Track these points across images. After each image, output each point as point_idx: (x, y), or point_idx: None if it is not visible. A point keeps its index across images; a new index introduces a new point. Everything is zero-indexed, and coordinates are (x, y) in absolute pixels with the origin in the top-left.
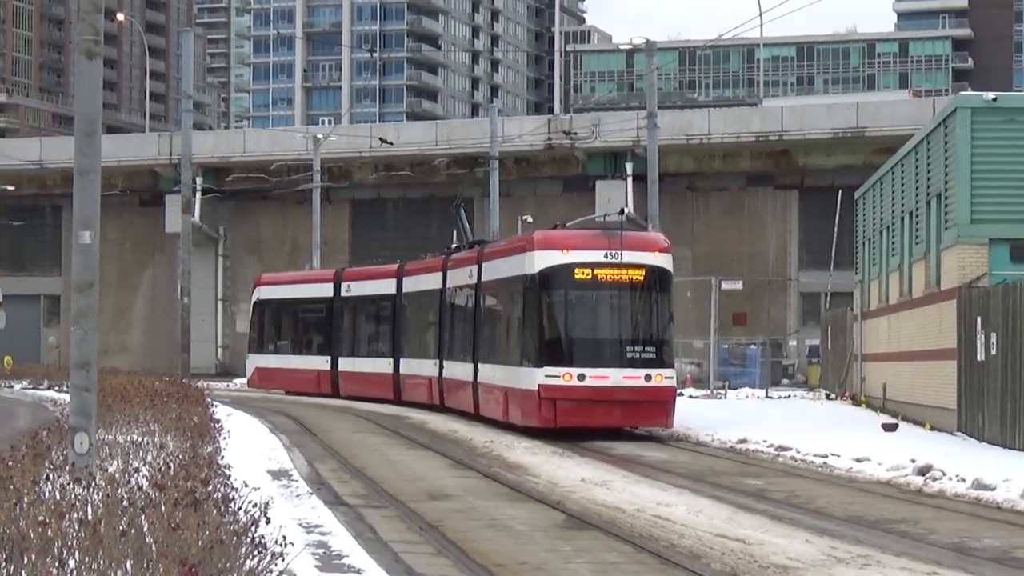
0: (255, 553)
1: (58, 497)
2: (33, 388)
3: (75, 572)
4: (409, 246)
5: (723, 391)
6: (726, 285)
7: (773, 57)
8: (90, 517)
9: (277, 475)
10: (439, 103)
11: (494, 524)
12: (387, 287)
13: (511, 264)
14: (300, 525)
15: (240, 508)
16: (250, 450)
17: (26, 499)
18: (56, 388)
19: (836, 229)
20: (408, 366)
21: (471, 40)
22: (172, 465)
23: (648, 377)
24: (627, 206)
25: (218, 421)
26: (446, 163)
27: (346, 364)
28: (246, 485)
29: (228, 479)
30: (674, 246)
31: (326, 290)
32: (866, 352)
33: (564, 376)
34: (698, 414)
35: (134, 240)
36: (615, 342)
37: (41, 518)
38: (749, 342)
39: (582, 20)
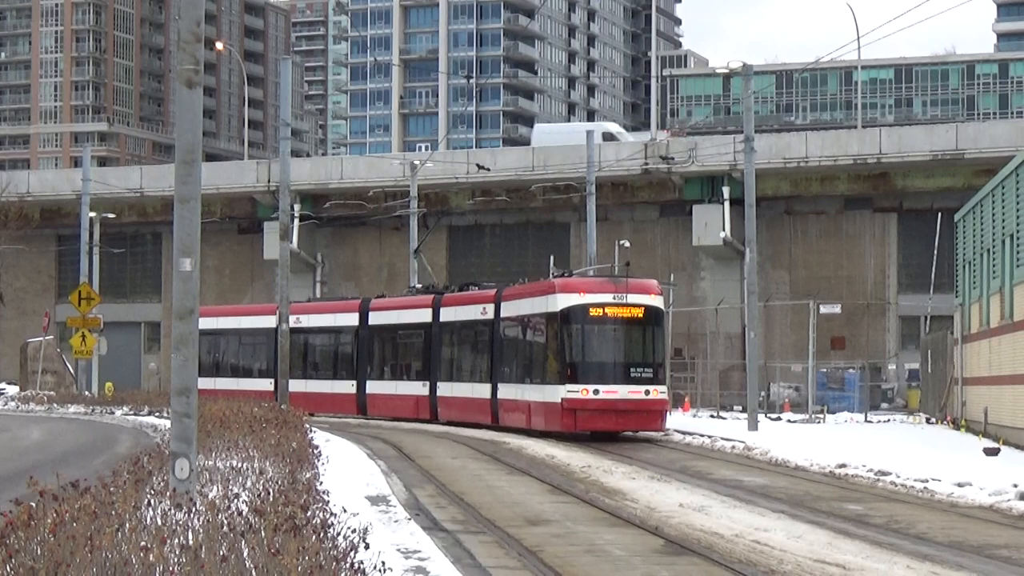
0: None
1: (159, 522)
2: (134, 414)
3: None
4: (506, 271)
5: (821, 415)
6: (824, 309)
7: (871, 79)
8: (191, 542)
9: (375, 501)
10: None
11: (592, 549)
12: (422, 316)
13: (534, 304)
14: (399, 550)
15: (339, 534)
16: (348, 476)
17: (128, 524)
18: (156, 414)
19: (936, 252)
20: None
21: (567, 66)
22: (271, 491)
23: (648, 392)
24: (724, 230)
25: (316, 447)
26: (543, 189)
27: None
28: (345, 511)
29: (327, 505)
30: (772, 270)
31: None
32: (967, 376)
33: (582, 391)
34: (796, 438)
35: (233, 267)
36: (622, 364)
37: (143, 543)
38: (848, 366)
39: (678, 44)
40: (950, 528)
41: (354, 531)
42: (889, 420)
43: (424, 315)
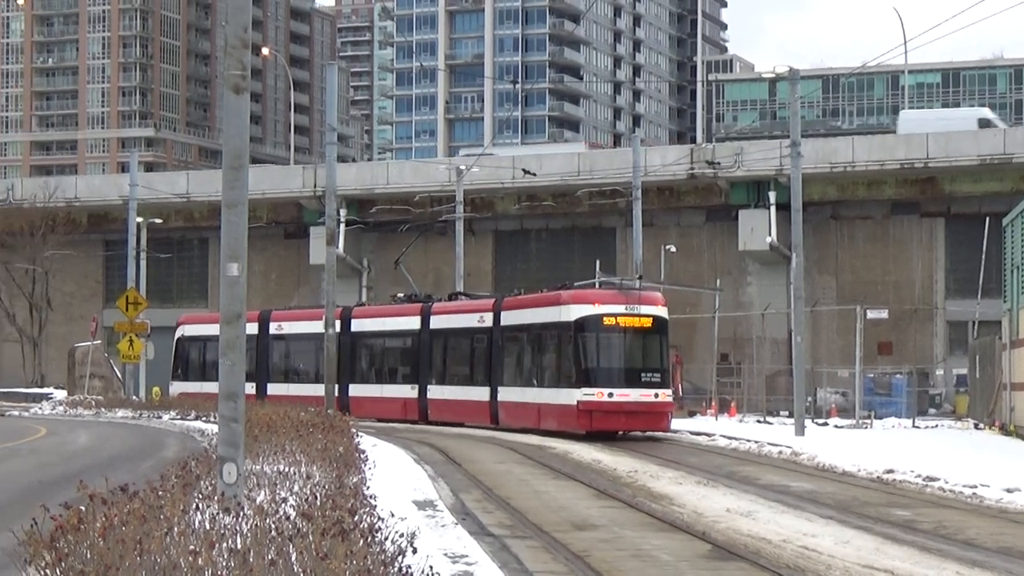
0: None
1: (208, 527)
2: (181, 418)
3: None
4: (552, 277)
5: (869, 421)
6: (871, 314)
7: (918, 84)
8: (239, 547)
9: (422, 505)
10: (581, 133)
11: (639, 554)
12: (412, 323)
13: (545, 313)
14: (446, 555)
15: (387, 538)
16: (395, 480)
17: (176, 528)
18: (203, 418)
19: (984, 257)
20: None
21: (613, 71)
22: (319, 495)
23: (656, 395)
24: (770, 235)
25: (363, 451)
26: (589, 194)
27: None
28: (392, 515)
29: (374, 509)
30: (818, 275)
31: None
32: (1015, 381)
33: (598, 394)
34: (843, 443)
35: (279, 272)
36: (633, 370)
37: (192, 547)
38: (895, 371)
39: (724, 49)
40: (999, 534)
41: (402, 535)
42: (937, 425)
43: (413, 323)
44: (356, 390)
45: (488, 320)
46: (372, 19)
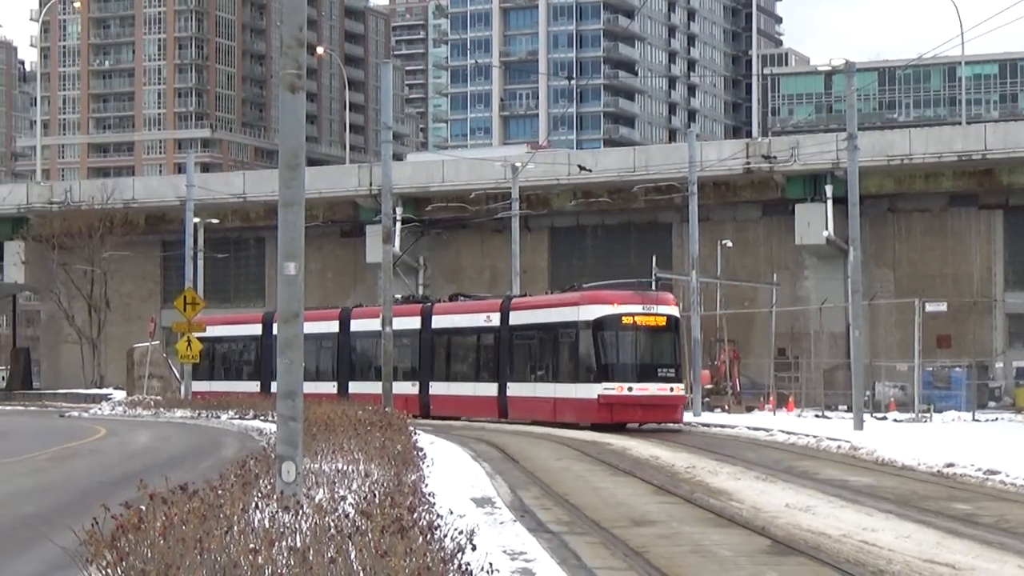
0: None
1: (267, 525)
2: (239, 418)
3: None
4: (608, 273)
5: (928, 414)
6: (930, 307)
7: (975, 75)
8: (299, 545)
9: (481, 502)
10: (636, 129)
11: (698, 550)
12: (413, 323)
13: (561, 313)
14: (504, 552)
15: (446, 535)
16: (453, 478)
17: (236, 527)
18: (261, 418)
19: None
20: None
21: (668, 66)
22: (378, 493)
23: (671, 389)
24: (827, 229)
25: (421, 449)
26: (644, 189)
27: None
28: (451, 512)
29: (433, 506)
30: (876, 268)
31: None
32: None
33: (618, 388)
34: (902, 438)
35: (336, 271)
36: (650, 365)
37: (252, 546)
38: (954, 364)
39: (779, 43)
40: None
41: (461, 532)
42: (997, 419)
43: (414, 323)
44: (354, 387)
45: (495, 320)
46: (426, 17)
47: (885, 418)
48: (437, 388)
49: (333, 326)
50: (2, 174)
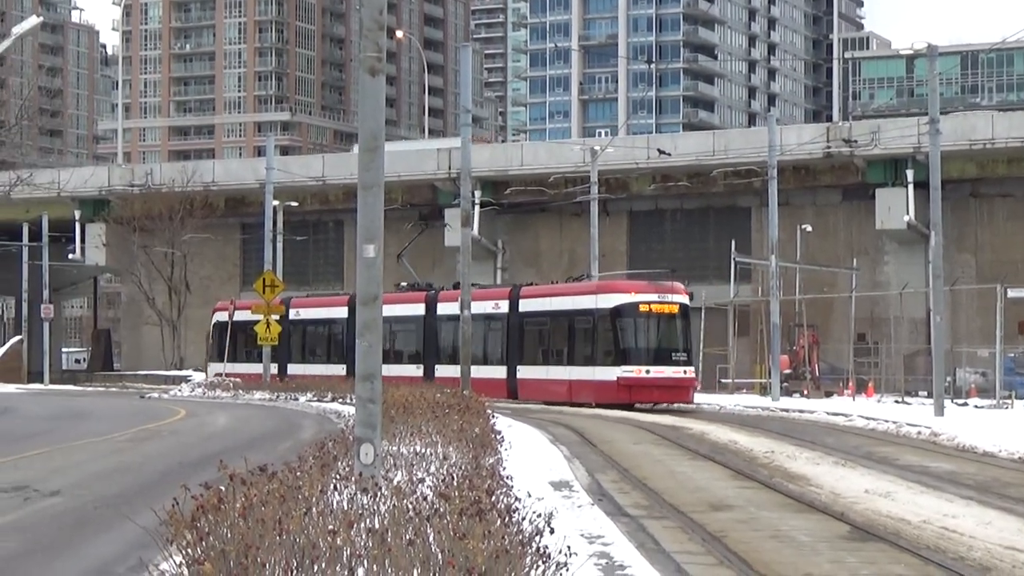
0: (540, 563)
1: (346, 507)
2: (317, 400)
3: None
4: (687, 257)
5: (1010, 401)
6: (1012, 293)
7: None
8: (377, 526)
9: (558, 486)
10: (715, 113)
11: (777, 535)
12: (418, 310)
13: (576, 301)
14: (582, 535)
15: (524, 518)
16: (531, 461)
17: (315, 509)
18: (340, 400)
19: None
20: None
21: (747, 49)
22: (455, 476)
23: (684, 371)
24: (908, 214)
25: (499, 432)
26: (723, 173)
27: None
28: (529, 495)
29: (511, 489)
30: (958, 253)
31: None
32: None
33: (636, 371)
34: (983, 424)
35: (414, 254)
36: (666, 350)
37: (330, 527)
38: None
39: (860, 26)
40: None
41: (539, 516)
42: None
43: (418, 309)
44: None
45: (504, 307)
46: (506, 1)
47: (966, 404)
48: (441, 371)
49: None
50: (84, 157)
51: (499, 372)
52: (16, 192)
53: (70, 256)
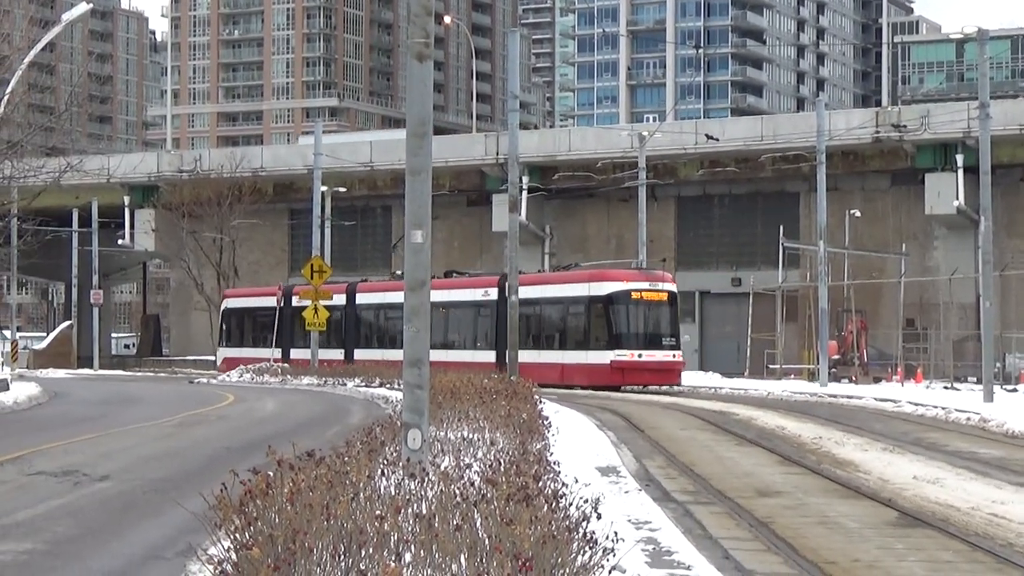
0: (587, 548)
1: (393, 492)
2: (365, 386)
3: (411, 565)
4: (734, 242)
5: None
6: None
7: None
8: (424, 512)
9: (605, 471)
10: (764, 98)
11: (824, 521)
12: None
13: (571, 288)
14: (629, 521)
15: (571, 504)
16: (578, 446)
17: (362, 494)
18: (387, 386)
19: None
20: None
21: (796, 34)
22: (503, 461)
23: (674, 355)
24: (958, 199)
25: (546, 418)
26: (772, 158)
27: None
28: (576, 481)
29: (558, 475)
30: (1008, 239)
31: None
32: None
33: (629, 355)
34: None
35: (462, 239)
36: (656, 335)
37: (378, 512)
38: None
39: (910, 11)
40: None
41: (586, 501)
42: None
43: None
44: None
45: (493, 294)
46: None
47: (1015, 390)
48: (438, 356)
49: (342, 299)
50: (133, 143)
51: (488, 356)
52: (66, 178)
53: (119, 242)
